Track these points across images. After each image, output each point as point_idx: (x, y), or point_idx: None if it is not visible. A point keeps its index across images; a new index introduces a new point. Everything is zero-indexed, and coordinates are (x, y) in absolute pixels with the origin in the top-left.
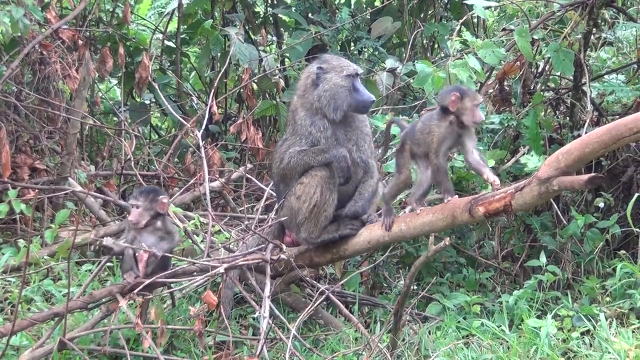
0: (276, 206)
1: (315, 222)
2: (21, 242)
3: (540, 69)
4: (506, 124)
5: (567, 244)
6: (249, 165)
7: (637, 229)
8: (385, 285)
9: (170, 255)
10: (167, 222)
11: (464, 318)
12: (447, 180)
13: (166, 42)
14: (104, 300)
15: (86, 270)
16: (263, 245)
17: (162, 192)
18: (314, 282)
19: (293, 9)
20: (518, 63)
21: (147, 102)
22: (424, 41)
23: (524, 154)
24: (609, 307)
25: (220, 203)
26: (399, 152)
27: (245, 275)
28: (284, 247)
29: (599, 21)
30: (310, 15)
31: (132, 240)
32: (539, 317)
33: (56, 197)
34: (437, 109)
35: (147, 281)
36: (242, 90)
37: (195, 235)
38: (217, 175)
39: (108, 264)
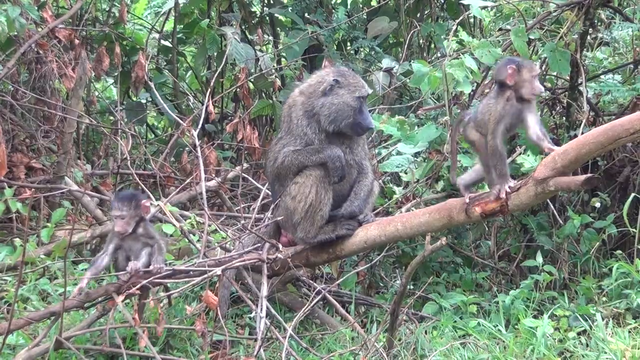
0: (272, 206)
1: (312, 221)
2: (17, 241)
3: None
4: None
5: (563, 244)
6: (245, 165)
7: (634, 229)
8: (381, 285)
9: (168, 268)
10: (148, 226)
11: (461, 318)
12: (503, 165)
13: (162, 42)
14: (100, 299)
15: (82, 269)
16: (259, 245)
17: (141, 195)
18: (311, 281)
19: (289, 8)
20: None
21: (144, 101)
22: (421, 41)
23: (520, 154)
24: (605, 307)
25: (217, 202)
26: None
27: (241, 275)
28: (280, 246)
29: (595, 21)
30: (306, 14)
31: (116, 247)
32: (535, 317)
33: (52, 196)
34: (494, 86)
35: (144, 281)
36: (238, 89)
37: (191, 235)
38: (214, 175)
39: None
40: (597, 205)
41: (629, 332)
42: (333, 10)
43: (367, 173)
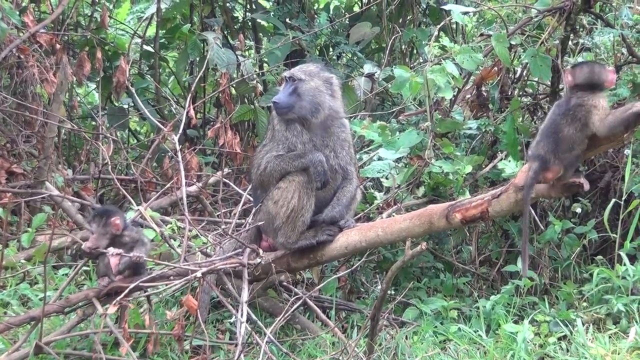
0: (253, 211)
1: (293, 227)
2: None
3: (517, 75)
4: (484, 130)
5: (544, 249)
6: (227, 170)
7: (614, 235)
8: (362, 290)
9: (147, 259)
10: (133, 232)
11: (441, 323)
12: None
13: (145, 47)
14: (80, 304)
15: (63, 275)
16: (240, 250)
17: (114, 212)
18: (291, 287)
19: (272, 14)
20: (496, 68)
21: (126, 106)
22: (403, 46)
23: (501, 160)
24: (585, 312)
25: (198, 207)
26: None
27: (222, 280)
28: (260, 251)
29: (577, 27)
30: (288, 20)
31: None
32: (516, 322)
33: (33, 201)
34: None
35: (129, 287)
36: (220, 94)
37: (172, 240)
38: (195, 180)
39: (84, 268)
40: (578, 210)
41: (609, 337)
42: (315, 16)
43: (351, 179)
